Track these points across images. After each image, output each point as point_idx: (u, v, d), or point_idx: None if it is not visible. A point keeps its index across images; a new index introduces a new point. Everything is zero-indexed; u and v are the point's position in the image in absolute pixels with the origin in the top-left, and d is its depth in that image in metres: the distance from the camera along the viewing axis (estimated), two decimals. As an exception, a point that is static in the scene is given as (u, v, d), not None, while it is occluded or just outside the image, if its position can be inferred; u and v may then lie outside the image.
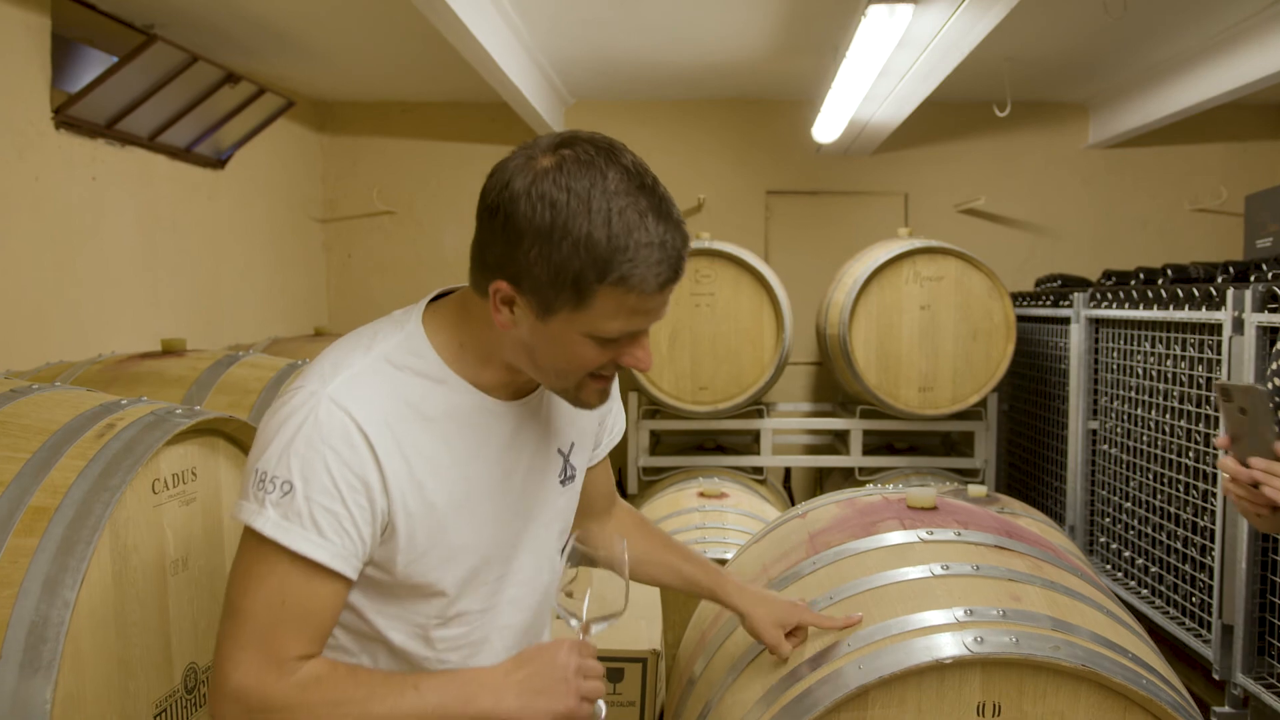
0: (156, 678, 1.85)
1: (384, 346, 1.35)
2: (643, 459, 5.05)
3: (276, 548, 1.25)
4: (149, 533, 1.84)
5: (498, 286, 1.27)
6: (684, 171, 6.20)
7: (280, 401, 1.32)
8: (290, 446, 1.25)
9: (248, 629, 1.25)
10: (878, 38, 3.37)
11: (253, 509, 1.26)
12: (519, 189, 1.23)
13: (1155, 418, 3.95)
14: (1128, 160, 6.19)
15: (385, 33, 4.36)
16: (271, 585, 1.26)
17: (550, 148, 1.27)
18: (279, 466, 1.25)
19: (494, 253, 1.27)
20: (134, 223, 4.25)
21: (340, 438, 1.26)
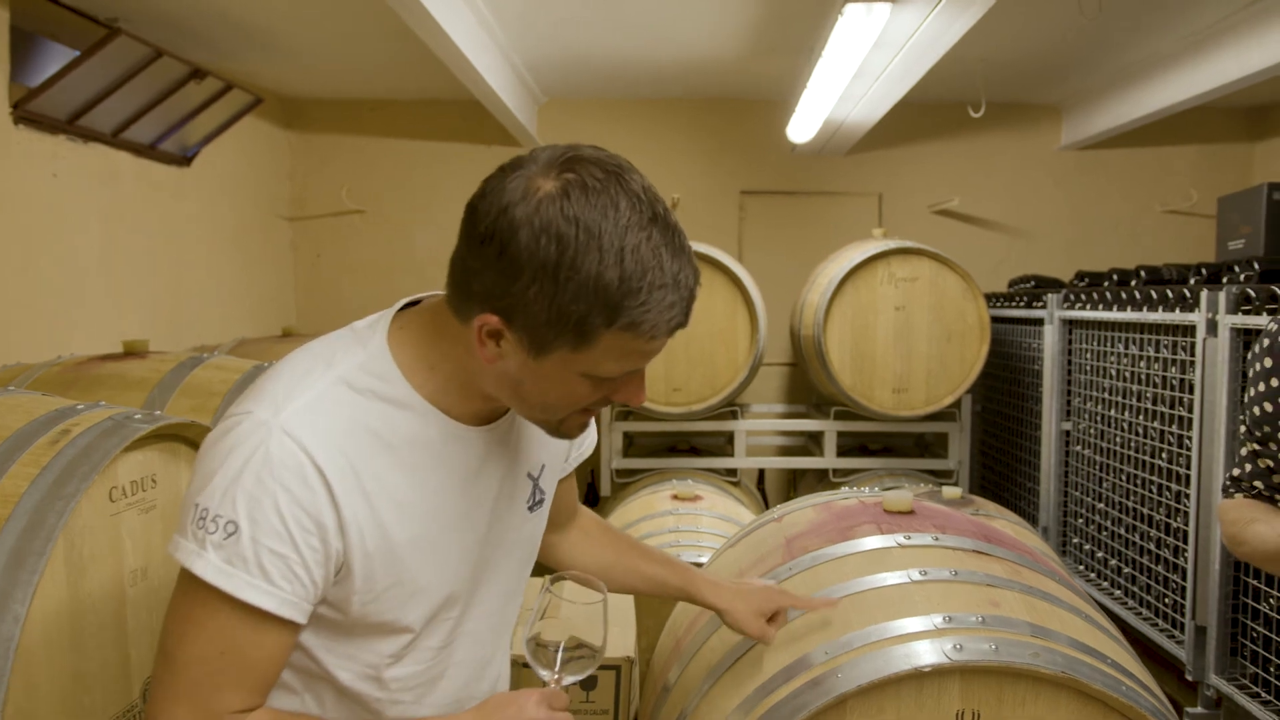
0: (114, 692, 1.79)
1: (344, 367, 1.22)
2: (616, 461, 5.01)
3: (218, 593, 1.14)
4: (106, 542, 1.78)
5: (485, 320, 1.16)
6: (658, 171, 6.16)
7: (224, 428, 1.18)
8: (236, 482, 1.13)
9: (183, 680, 1.15)
10: (854, 37, 3.35)
11: (191, 549, 1.14)
12: (519, 218, 1.10)
13: (1129, 419, 3.96)
14: (1100, 162, 6.22)
15: (355, 29, 4.30)
16: (210, 634, 1.15)
17: (552, 169, 1.14)
18: (223, 504, 1.13)
19: (483, 282, 1.14)
20: (97, 221, 4.16)
21: (293, 475, 1.14)
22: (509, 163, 1.18)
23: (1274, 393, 1.89)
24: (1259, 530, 1.87)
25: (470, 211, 1.17)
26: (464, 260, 1.18)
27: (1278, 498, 1.93)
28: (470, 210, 1.17)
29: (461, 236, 1.19)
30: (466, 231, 1.18)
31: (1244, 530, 1.93)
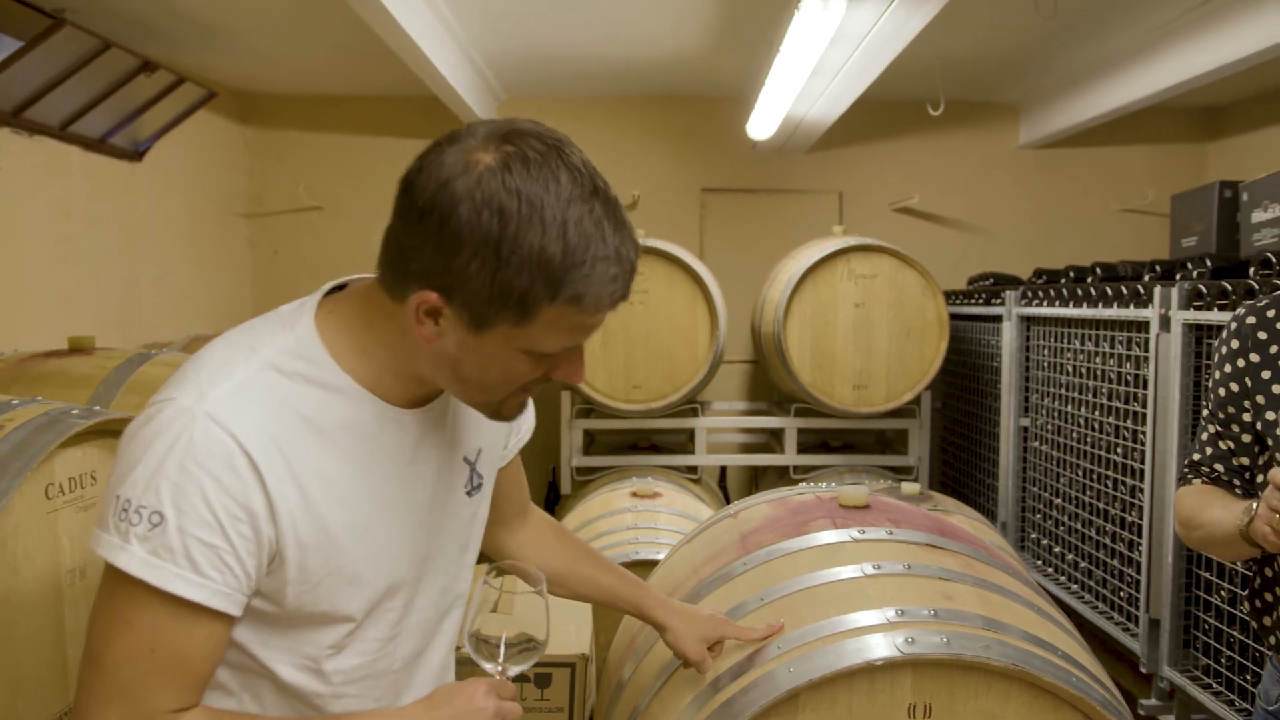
0: (50, 694, 1.75)
1: (270, 351, 1.19)
2: (576, 459, 4.98)
3: (144, 587, 1.09)
4: (42, 541, 1.74)
5: (423, 298, 1.13)
6: (619, 168, 6.15)
7: (146, 416, 1.13)
8: (159, 471, 1.09)
9: (110, 682, 1.10)
10: (811, 32, 3.35)
11: (114, 543, 1.09)
12: (460, 191, 1.08)
13: (1085, 414, 3.99)
14: (1058, 161, 6.28)
15: (310, 23, 4.24)
16: (139, 631, 1.10)
17: (491, 142, 1.12)
18: (146, 494, 1.08)
19: (421, 259, 1.12)
20: (44, 215, 4.08)
21: (220, 462, 1.10)
22: (445, 137, 1.15)
23: (1239, 373, 1.89)
24: (1215, 514, 1.86)
25: (406, 187, 1.13)
26: (399, 238, 1.14)
27: (1236, 482, 1.93)
28: (406, 185, 1.13)
29: (396, 213, 1.15)
30: (402, 207, 1.14)
31: (1200, 515, 1.92)
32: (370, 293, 1.23)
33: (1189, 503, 1.98)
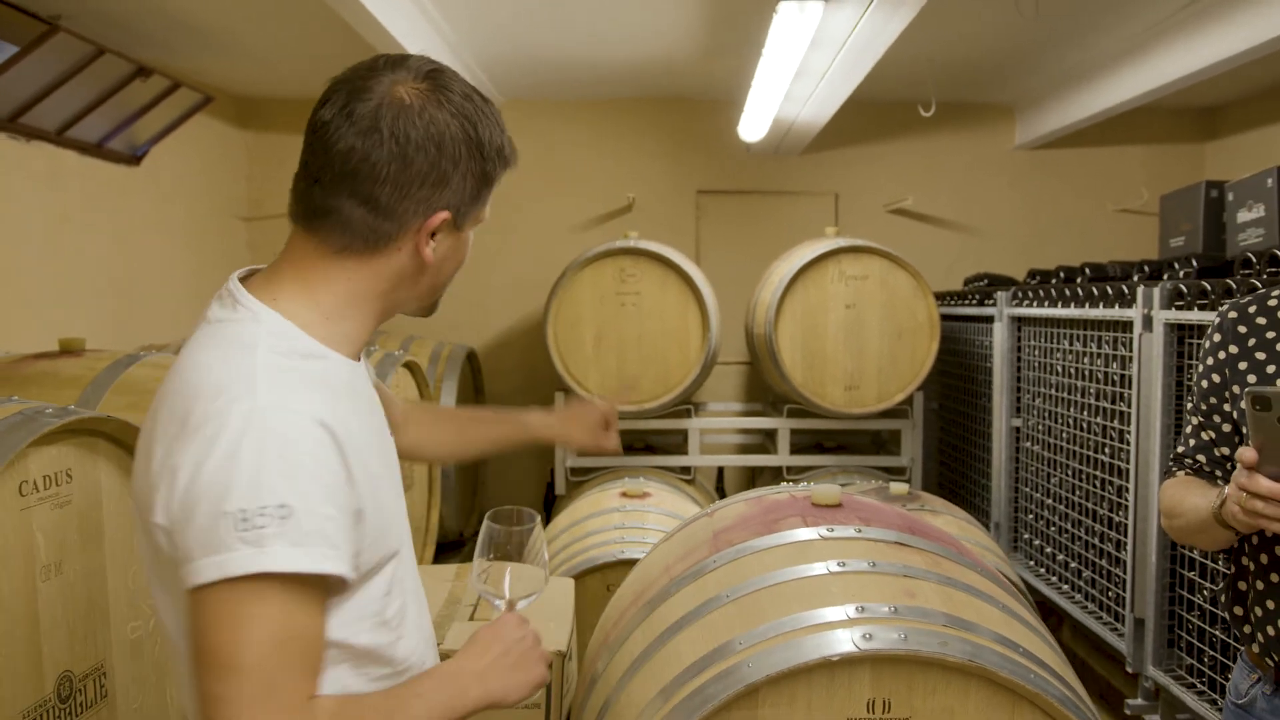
0: (24, 687, 1.78)
1: (260, 344, 1.22)
2: (570, 460, 5.02)
3: (275, 583, 1.11)
4: (15, 536, 1.77)
5: (430, 222, 1.27)
6: (615, 170, 6.19)
7: (204, 436, 1.13)
8: (261, 470, 1.11)
9: (254, 685, 1.10)
10: (790, 36, 3.37)
11: (245, 555, 1.09)
12: (441, 119, 1.25)
13: (1074, 415, 4.01)
14: (1053, 161, 6.28)
15: (304, 28, 4.28)
16: (270, 626, 1.11)
17: (405, 80, 1.26)
18: (260, 495, 1.10)
19: (415, 194, 1.25)
20: (40, 220, 4.13)
21: (309, 441, 1.15)
22: (340, 98, 1.25)
23: (1219, 365, 1.92)
24: (1194, 502, 1.89)
25: (378, 144, 1.23)
26: (381, 192, 1.24)
27: (1218, 473, 1.95)
28: (378, 143, 1.23)
29: (371, 178, 1.24)
30: (393, 158, 1.23)
31: (1180, 504, 1.95)
32: (296, 264, 1.30)
33: (1170, 494, 2.01)
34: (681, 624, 2.01)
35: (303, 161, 1.28)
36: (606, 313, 4.75)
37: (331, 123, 1.24)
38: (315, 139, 1.25)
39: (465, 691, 1.29)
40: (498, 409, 1.97)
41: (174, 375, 1.22)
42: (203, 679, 1.11)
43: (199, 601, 1.11)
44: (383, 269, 1.29)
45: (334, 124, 1.23)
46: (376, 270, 1.29)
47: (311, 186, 1.26)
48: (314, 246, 1.29)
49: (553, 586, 2.93)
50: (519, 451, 6.08)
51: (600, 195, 6.22)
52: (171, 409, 1.18)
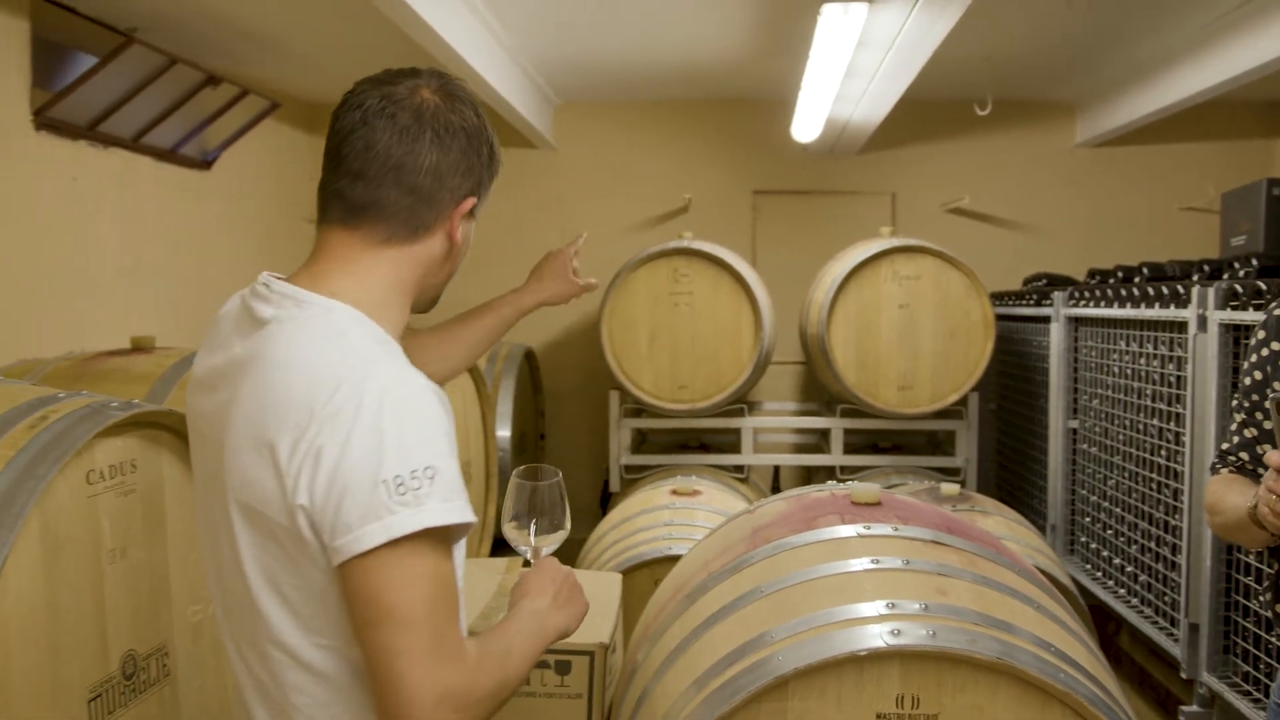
0: (91, 664, 1.89)
1: (351, 329, 1.32)
2: (624, 457, 5.08)
3: (429, 539, 1.22)
4: (83, 522, 1.88)
5: (462, 206, 1.42)
6: (671, 171, 6.23)
7: (338, 419, 1.22)
8: (403, 437, 1.22)
9: (425, 636, 1.21)
10: (836, 37, 3.39)
11: (406, 516, 1.20)
12: (468, 114, 1.40)
13: (1130, 416, 3.95)
14: (1116, 159, 6.18)
15: (364, 36, 4.40)
16: (431, 578, 1.23)
17: (426, 84, 1.40)
18: (409, 460, 1.21)
19: (453, 178, 1.39)
20: (116, 223, 4.31)
21: (434, 408, 1.27)
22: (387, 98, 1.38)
23: (1264, 362, 1.92)
24: (1234, 500, 1.89)
25: (421, 134, 1.36)
26: (424, 181, 1.37)
27: (1261, 470, 1.95)
28: (419, 136, 1.36)
29: (415, 169, 1.36)
30: (433, 149, 1.37)
31: (1221, 501, 1.95)
32: (353, 259, 1.39)
33: (1214, 490, 2.01)
34: (717, 617, 2.05)
35: (335, 163, 1.38)
36: (660, 313, 4.81)
37: (370, 123, 1.35)
38: (353, 139, 1.36)
39: (544, 627, 1.45)
40: (493, 306, 2.11)
41: (269, 373, 1.28)
42: (377, 637, 1.20)
43: (363, 568, 1.20)
44: (421, 254, 1.41)
45: (373, 124, 1.35)
46: (416, 257, 1.41)
47: (354, 183, 1.36)
48: (358, 240, 1.38)
49: (600, 580, 2.99)
50: (576, 451, 6.20)
51: (657, 196, 6.27)
52: (285, 402, 1.24)
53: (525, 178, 6.29)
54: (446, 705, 1.20)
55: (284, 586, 1.27)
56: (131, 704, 2.00)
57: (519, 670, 1.35)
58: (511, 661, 1.34)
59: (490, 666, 1.29)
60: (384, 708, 1.21)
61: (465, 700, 1.22)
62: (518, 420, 5.22)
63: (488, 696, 1.27)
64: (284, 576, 1.27)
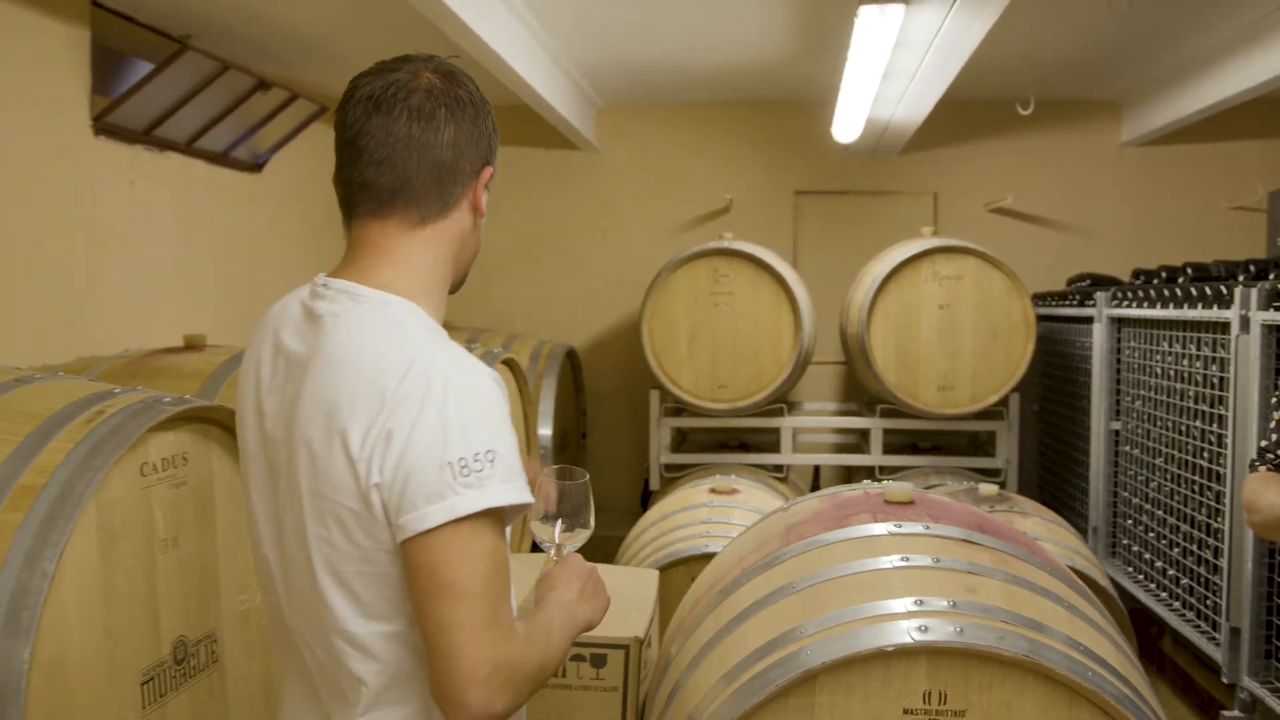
0: (143, 648, 1.98)
1: (407, 319, 1.38)
2: (665, 456, 5.12)
3: (488, 518, 1.29)
4: (137, 512, 1.97)
5: (483, 176, 1.48)
6: (713, 172, 6.26)
7: (406, 404, 1.28)
8: (466, 421, 1.28)
9: (482, 611, 1.27)
10: (873, 38, 3.41)
11: (471, 496, 1.26)
12: (472, 89, 1.46)
13: (1172, 418, 3.91)
14: (1163, 158, 6.11)
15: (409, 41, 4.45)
16: (489, 557, 1.29)
17: (425, 67, 1.45)
18: (471, 443, 1.27)
19: (471, 151, 1.44)
20: (171, 225, 4.44)
21: (496, 393, 1.34)
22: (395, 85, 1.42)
23: None
24: (1271, 499, 1.90)
25: (435, 112, 1.41)
26: (446, 155, 1.42)
27: None
28: (433, 114, 1.41)
29: (436, 144, 1.41)
30: (448, 124, 1.42)
31: (1259, 499, 1.96)
32: (393, 248, 1.44)
33: (1252, 488, 2.02)
34: (749, 612, 2.09)
35: (354, 155, 1.43)
36: (700, 312, 4.84)
37: (384, 110, 1.40)
38: (370, 127, 1.40)
39: (574, 617, 1.51)
40: None
41: (334, 365, 1.34)
42: (436, 611, 1.26)
43: (426, 544, 1.27)
44: (453, 230, 1.46)
45: (387, 110, 1.40)
46: (449, 233, 1.46)
47: (379, 170, 1.41)
48: (393, 228, 1.43)
49: (637, 577, 3.04)
50: (617, 450, 6.25)
51: (698, 197, 6.30)
52: (354, 393, 1.31)
53: (568, 179, 6.36)
54: (500, 676, 1.26)
55: (347, 575, 1.33)
56: (182, 688, 2.09)
57: (558, 654, 1.42)
58: (552, 644, 1.40)
59: (536, 645, 1.35)
60: (440, 679, 1.27)
61: (515, 674, 1.29)
62: (559, 419, 5.29)
63: (534, 674, 1.33)
64: (346, 565, 1.33)
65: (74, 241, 3.81)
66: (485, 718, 1.26)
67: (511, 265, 6.41)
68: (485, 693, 1.26)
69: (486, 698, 1.26)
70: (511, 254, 6.40)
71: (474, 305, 6.29)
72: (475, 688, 1.25)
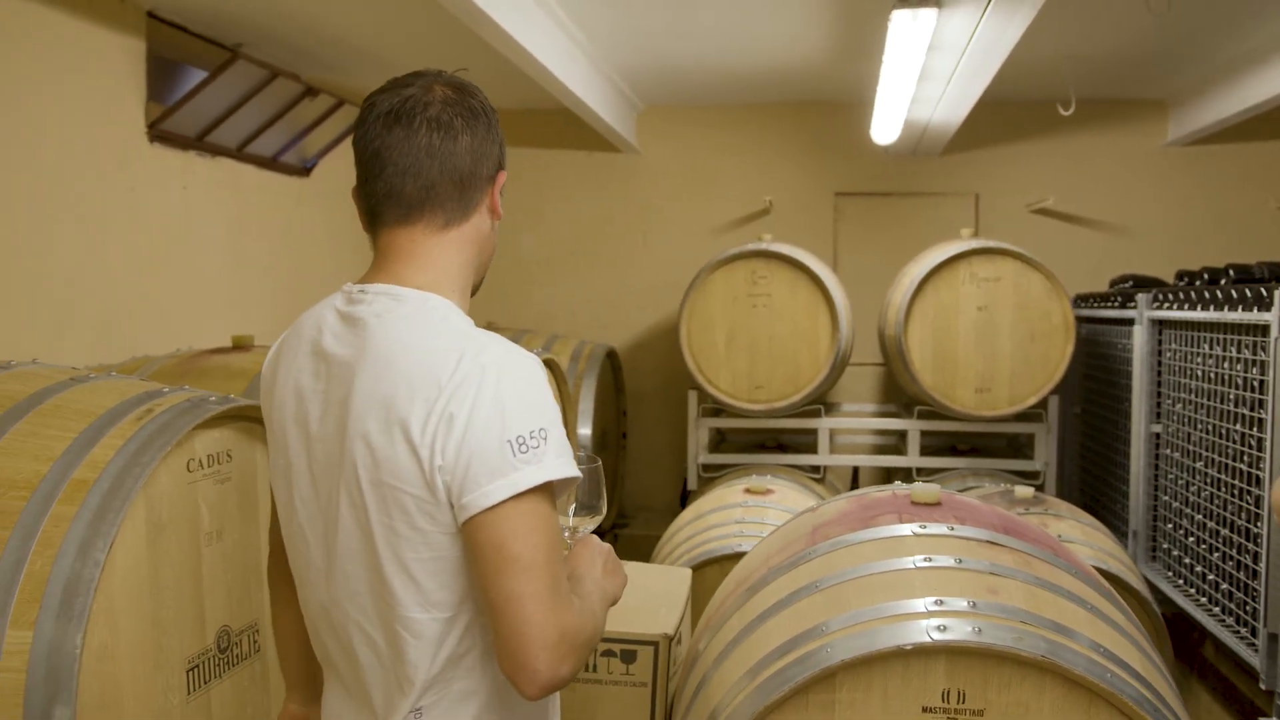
0: (189, 636, 2.07)
1: (449, 314, 1.47)
2: (702, 456, 5.17)
3: (544, 493, 1.37)
4: (183, 506, 2.06)
5: (498, 180, 1.56)
6: (753, 174, 6.29)
7: (464, 390, 1.36)
8: (521, 401, 1.37)
9: (546, 579, 1.35)
10: (907, 41, 3.42)
11: (530, 472, 1.35)
12: (483, 99, 1.56)
13: (1212, 421, 3.88)
14: (1210, 157, 6.01)
15: (452, 47, 4.56)
16: (548, 529, 1.37)
17: (436, 81, 1.53)
18: (526, 423, 1.36)
19: (488, 157, 1.53)
20: (223, 228, 4.57)
21: (540, 375, 1.42)
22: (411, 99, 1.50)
23: None
24: None
25: (451, 122, 1.50)
26: (465, 161, 1.50)
27: None
28: (451, 123, 1.50)
29: (455, 152, 1.50)
30: (465, 133, 1.50)
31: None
32: (421, 252, 1.51)
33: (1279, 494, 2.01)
34: (773, 610, 2.13)
35: (378, 167, 1.49)
36: (738, 314, 4.88)
37: (404, 123, 1.47)
38: (391, 139, 1.47)
39: (605, 592, 1.59)
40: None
41: (387, 360, 1.41)
42: (504, 583, 1.33)
43: (492, 520, 1.34)
44: (474, 232, 1.54)
45: (407, 123, 1.47)
46: (470, 235, 1.54)
47: (405, 179, 1.48)
48: (419, 233, 1.51)
49: (669, 575, 3.09)
50: (657, 450, 6.30)
51: (738, 198, 6.33)
52: (411, 382, 1.38)
53: (610, 181, 6.43)
54: (566, 643, 1.35)
55: (409, 562, 1.41)
56: (225, 675, 2.18)
57: (602, 624, 1.51)
58: (597, 614, 1.50)
59: (588, 615, 1.44)
60: (510, 648, 1.34)
61: (577, 640, 1.37)
62: (598, 419, 5.35)
63: (588, 641, 1.42)
64: (408, 552, 1.40)
65: (130, 245, 3.95)
66: (553, 682, 1.34)
67: (554, 267, 6.49)
68: (553, 658, 1.33)
69: (554, 663, 1.33)
70: (554, 256, 6.48)
71: (516, 306, 6.38)
72: (544, 653, 1.32)
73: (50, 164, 3.54)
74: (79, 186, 3.68)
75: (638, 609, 2.67)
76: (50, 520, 1.78)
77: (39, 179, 3.50)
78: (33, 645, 1.69)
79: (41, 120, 3.50)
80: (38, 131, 3.48)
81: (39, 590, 1.71)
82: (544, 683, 1.33)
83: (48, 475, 1.83)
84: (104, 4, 3.74)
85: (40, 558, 1.74)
